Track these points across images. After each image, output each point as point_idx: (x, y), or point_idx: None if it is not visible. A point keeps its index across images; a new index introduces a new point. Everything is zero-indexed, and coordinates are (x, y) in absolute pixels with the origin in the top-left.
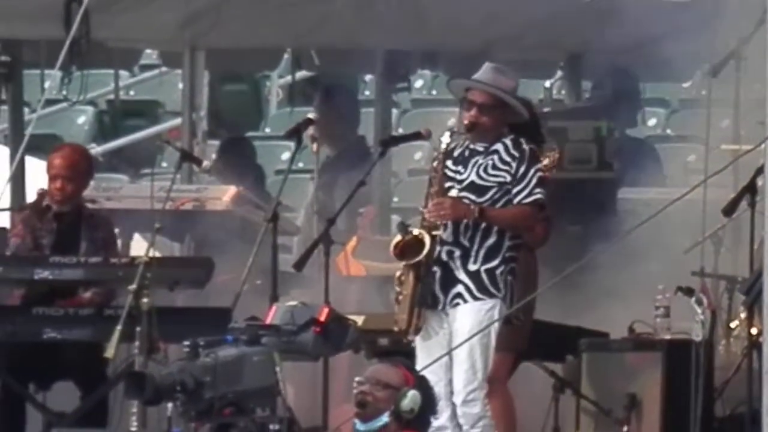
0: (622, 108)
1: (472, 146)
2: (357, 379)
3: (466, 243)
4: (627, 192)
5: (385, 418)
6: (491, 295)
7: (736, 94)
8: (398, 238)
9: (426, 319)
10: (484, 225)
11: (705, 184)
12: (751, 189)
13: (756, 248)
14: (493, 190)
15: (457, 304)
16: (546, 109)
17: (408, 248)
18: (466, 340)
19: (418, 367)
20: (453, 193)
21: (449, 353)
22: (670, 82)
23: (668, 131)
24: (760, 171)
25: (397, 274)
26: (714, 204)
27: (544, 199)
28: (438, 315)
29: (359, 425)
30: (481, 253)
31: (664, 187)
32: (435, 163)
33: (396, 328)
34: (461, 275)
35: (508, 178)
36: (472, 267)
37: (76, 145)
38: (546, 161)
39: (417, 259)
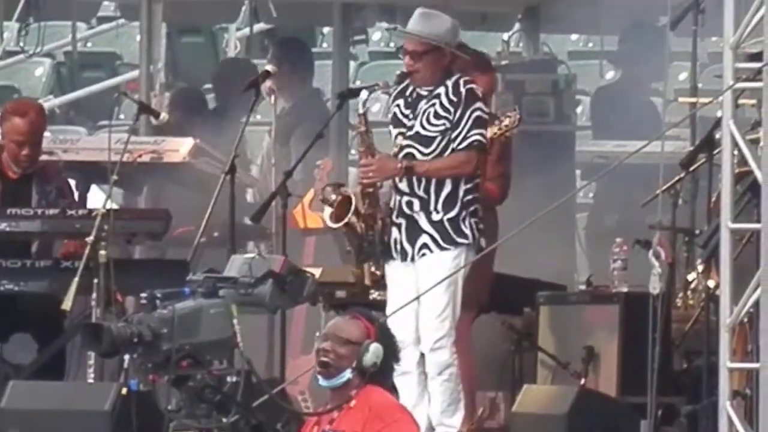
0: (648, 61)
1: (418, 90)
2: (317, 335)
3: (422, 194)
4: (584, 145)
5: (348, 374)
6: (457, 244)
7: (694, 47)
8: (328, 206)
9: (395, 271)
10: None
11: (663, 136)
12: (708, 142)
13: (713, 201)
14: (438, 140)
15: (424, 254)
16: (504, 62)
17: (343, 209)
18: (431, 288)
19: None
20: (399, 140)
21: (415, 300)
22: None
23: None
24: (717, 124)
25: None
26: (671, 157)
27: (484, 141)
28: (407, 266)
29: (322, 381)
30: (440, 202)
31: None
32: (358, 122)
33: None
34: (426, 226)
35: (449, 125)
36: (435, 217)
37: (36, 105)
38: (506, 121)
39: (344, 220)
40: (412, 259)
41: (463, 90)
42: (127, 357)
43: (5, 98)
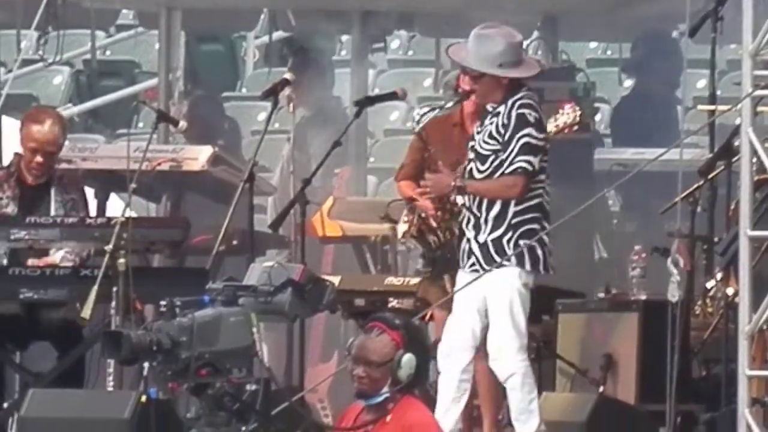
0: (662, 69)
1: (488, 107)
2: (346, 352)
3: (476, 211)
4: (603, 152)
5: (385, 392)
6: (500, 265)
7: (713, 54)
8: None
9: (460, 278)
10: None
11: (681, 144)
12: (727, 150)
13: (732, 209)
14: (491, 159)
15: (474, 271)
16: None
17: (413, 225)
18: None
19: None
20: (470, 154)
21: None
22: None
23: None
24: (736, 132)
25: None
26: (690, 164)
27: (530, 167)
28: (467, 275)
29: (362, 402)
30: (489, 222)
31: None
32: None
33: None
34: (474, 246)
35: (499, 147)
36: (481, 238)
37: (56, 114)
38: (563, 118)
39: (409, 233)
40: (467, 269)
41: (514, 113)
42: (146, 365)
43: (24, 107)
